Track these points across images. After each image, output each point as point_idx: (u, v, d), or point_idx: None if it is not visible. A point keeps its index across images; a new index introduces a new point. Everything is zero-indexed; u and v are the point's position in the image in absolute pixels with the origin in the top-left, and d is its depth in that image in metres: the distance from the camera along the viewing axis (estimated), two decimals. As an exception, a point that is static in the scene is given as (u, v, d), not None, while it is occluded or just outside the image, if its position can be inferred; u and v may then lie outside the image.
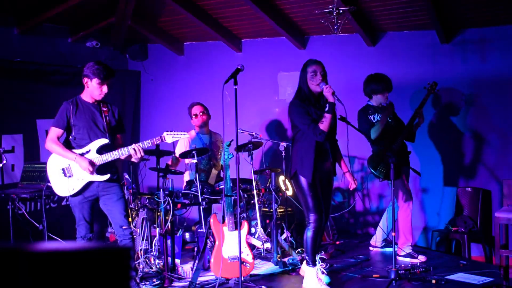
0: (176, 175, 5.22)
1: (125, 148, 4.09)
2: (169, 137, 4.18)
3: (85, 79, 4.08)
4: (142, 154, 4.10)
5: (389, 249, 5.36)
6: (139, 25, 6.70)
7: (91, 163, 4.02)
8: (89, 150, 4.06)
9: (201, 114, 5.58)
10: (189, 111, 5.68)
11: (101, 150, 4.08)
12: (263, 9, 5.82)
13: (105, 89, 4.09)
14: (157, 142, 4.21)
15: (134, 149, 4.05)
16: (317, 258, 4.41)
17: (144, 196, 4.92)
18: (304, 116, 4.20)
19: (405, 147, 5.26)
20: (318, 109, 4.24)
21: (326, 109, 4.15)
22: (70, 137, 4.13)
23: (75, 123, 4.08)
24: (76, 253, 1.06)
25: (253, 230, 5.09)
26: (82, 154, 4.06)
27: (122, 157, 4.11)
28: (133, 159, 4.11)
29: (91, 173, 4.03)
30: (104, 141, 4.10)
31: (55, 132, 4.09)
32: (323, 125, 4.13)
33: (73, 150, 4.08)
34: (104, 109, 4.18)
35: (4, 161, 5.17)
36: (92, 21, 6.52)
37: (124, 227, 4.15)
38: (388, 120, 5.22)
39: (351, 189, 4.59)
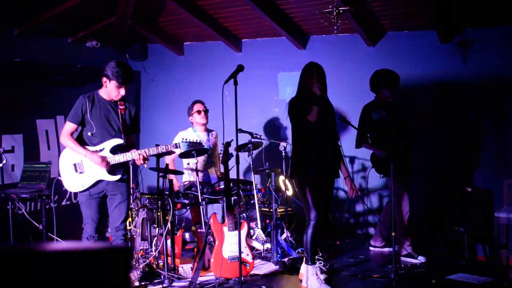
0: (176, 175, 5.22)
1: (134, 152, 4.11)
2: (184, 145, 4.30)
3: (104, 79, 4.06)
4: (144, 162, 4.15)
5: (388, 249, 5.36)
6: (139, 25, 6.70)
7: (103, 159, 4.02)
8: (103, 149, 4.07)
9: (204, 111, 5.57)
10: (191, 107, 5.64)
11: (115, 150, 4.08)
12: (263, 9, 5.81)
13: (122, 91, 4.08)
14: (172, 149, 4.26)
15: (138, 154, 4.10)
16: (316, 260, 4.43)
17: (144, 196, 4.92)
18: (297, 110, 4.32)
19: (409, 147, 5.29)
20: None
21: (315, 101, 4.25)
22: (83, 132, 4.12)
23: (90, 119, 4.07)
24: (76, 253, 1.06)
25: (251, 231, 5.09)
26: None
27: (132, 159, 4.16)
28: (136, 163, 4.17)
29: (106, 168, 4.03)
30: (118, 141, 4.10)
31: (70, 126, 4.09)
32: (310, 116, 4.24)
33: (86, 147, 4.08)
34: (121, 107, 4.16)
35: (4, 161, 5.18)
36: (92, 21, 6.52)
37: (118, 229, 4.21)
38: (394, 118, 5.26)
39: (349, 196, 4.58)
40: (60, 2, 5.78)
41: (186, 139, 4.33)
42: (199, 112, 5.56)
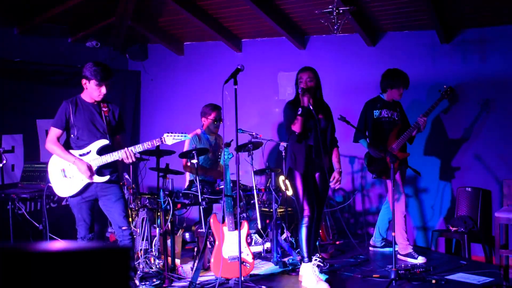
0: (176, 175, 5.21)
1: (120, 150, 4.08)
2: (169, 139, 4.16)
3: (84, 80, 4.06)
4: (133, 159, 4.08)
5: (389, 249, 5.36)
6: (139, 25, 6.70)
7: (89, 167, 4.01)
8: (90, 151, 4.05)
9: (221, 121, 5.51)
10: (209, 112, 5.52)
11: (101, 151, 4.07)
12: (263, 9, 5.82)
13: (103, 90, 4.07)
14: (157, 144, 4.20)
15: (125, 152, 4.05)
16: (313, 258, 4.44)
17: (144, 196, 4.92)
18: (288, 118, 4.42)
19: (405, 147, 5.28)
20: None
21: (299, 112, 4.29)
22: (69, 137, 4.12)
23: (74, 123, 4.06)
24: (76, 253, 1.06)
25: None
26: (82, 155, 4.05)
27: (120, 159, 4.11)
28: (125, 162, 4.11)
29: (89, 177, 4.02)
30: (104, 142, 4.09)
31: (54, 132, 4.08)
32: (295, 126, 4.31)
33: (74, 151, 4.07)
34: (105, 109, 4.16)
35: (4, 161, 5.18)
36: (92, 21, 6.52)
37: (123, 228, 4.14)
38: (395, 118, 5.24)
39: (330, 185, 4.55)
40: (60, 2, 5.78)
41: (171, 133, 4.23)
42: (215, 121, 5.51)
